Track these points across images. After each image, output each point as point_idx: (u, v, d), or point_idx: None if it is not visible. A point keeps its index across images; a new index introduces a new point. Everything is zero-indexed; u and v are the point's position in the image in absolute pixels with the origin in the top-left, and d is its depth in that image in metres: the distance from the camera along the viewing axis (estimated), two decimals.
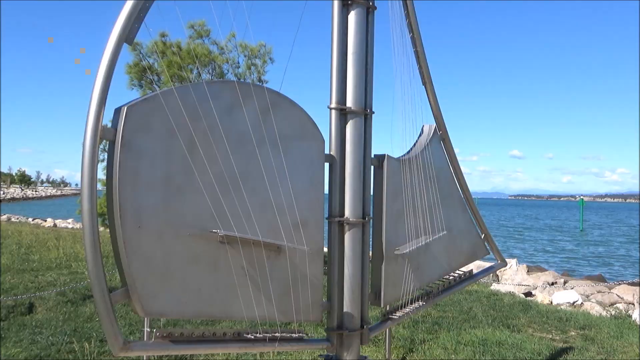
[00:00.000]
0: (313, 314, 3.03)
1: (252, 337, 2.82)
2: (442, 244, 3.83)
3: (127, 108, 2.41)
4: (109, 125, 2.40)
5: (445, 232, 3.83)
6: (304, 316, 3.00)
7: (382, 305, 3.44)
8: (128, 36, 2.37)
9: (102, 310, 2.32)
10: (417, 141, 3.79)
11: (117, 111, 2.43)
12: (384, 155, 3.41)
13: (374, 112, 3.27)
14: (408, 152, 3.69)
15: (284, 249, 2.88)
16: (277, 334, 2.88)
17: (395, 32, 3.39)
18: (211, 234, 2.63)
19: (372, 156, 3.35)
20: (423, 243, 3.62)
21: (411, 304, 3.61)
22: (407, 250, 3.50)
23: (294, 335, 2.97)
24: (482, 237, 4.34)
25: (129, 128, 2.40)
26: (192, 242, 2.60)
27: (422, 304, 3.67)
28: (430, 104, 3.78)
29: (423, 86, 3.70)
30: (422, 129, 3.85)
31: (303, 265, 2.96)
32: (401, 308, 3.57)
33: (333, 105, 3.13)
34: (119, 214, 2.37)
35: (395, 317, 3.53)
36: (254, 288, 2.79)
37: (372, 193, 3.35)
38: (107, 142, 2.43)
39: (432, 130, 3.85)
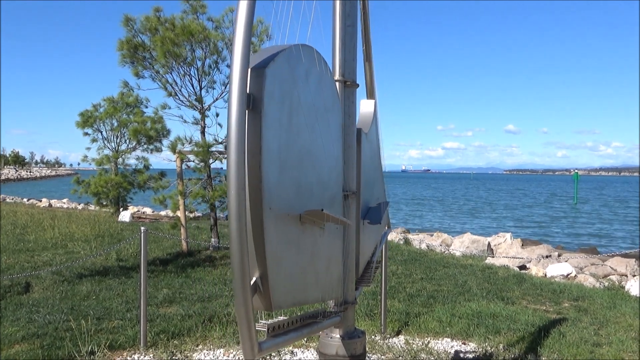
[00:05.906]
0: (340, 290, 2.99)
1: (322, 319, 2.71)
2: None
3: (267, 70, 2.09)
4: None
5: (388, 201, 4.08)
6: (336, 293, 2.94)
7: (359, 275, 3.50)
8: None
9: (241, 308, 1.96)
10: (360, 116, 3.87)
11: (256, 72, 2.09)
12: (360, 129, 3.42)
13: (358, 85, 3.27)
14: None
15: (326, 226, 2.74)
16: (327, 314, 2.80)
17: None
18: (295, 214, 2.37)
19: None
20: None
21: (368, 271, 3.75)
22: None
23: (332, 314, 2.87)
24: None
25: (266, 94, 2.10)
26: (290, 223, 2.34)
27: (372, 271, 3.74)
28: (366, 80, 3.91)
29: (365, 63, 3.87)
30: (361, 104, 3.93)
31: (338, 241, 2.91)
32: (362, 275, 3.65)
33: (338, 77, 3.06)
34: (262, 194, 2.10)
35: (362, 284, 3.60)
36: (315, 269, 2.64)
37: None
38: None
39: (373, 106, 3.97)
